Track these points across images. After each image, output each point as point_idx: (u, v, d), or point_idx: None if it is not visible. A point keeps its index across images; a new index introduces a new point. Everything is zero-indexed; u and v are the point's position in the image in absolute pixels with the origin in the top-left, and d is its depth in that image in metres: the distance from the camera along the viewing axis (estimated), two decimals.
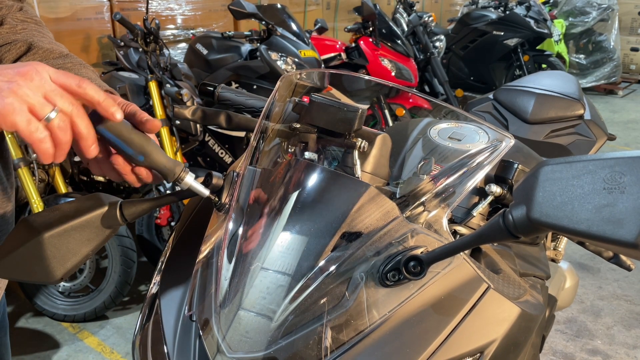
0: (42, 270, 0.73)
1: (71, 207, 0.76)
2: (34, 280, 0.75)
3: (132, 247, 2.55)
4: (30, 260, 0.73)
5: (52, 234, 0.73)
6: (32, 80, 0.61)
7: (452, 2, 8.18)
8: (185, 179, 0.76)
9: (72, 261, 0.75)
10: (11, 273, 0.75)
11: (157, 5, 4.32)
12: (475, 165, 0.88)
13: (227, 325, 0.72)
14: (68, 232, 0.74)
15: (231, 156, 3.08)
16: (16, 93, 0.59)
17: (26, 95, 0.60)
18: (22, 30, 0.88)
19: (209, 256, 0.83)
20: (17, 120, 0.59)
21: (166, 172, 0.75)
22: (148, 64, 2.69)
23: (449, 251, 0.71)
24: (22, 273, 0.74)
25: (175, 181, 0.76)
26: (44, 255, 0.73)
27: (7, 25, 0.87)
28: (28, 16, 0.91)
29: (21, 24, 0.89)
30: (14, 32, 0.87)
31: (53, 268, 0.74)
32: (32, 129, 0.61)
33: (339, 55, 4.29)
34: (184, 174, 0.76)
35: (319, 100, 0.92)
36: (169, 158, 0.75)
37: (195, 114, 1.07)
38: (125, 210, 0.78)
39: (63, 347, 2.47)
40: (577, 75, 6.93)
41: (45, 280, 0.74)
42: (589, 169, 0.57)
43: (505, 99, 1.70)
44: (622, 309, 2.76)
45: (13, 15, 0.89)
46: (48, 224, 0.74)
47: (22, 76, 0.61)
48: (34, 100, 0.61)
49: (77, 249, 0.75)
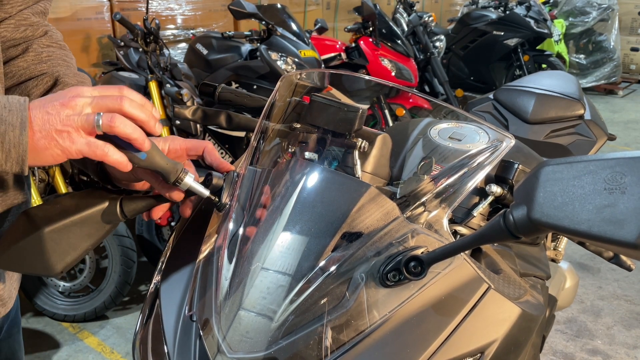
0: (42, 263, 0.74)
1: (72, 201, 0.77)
2: (34, 273, 0.76)
3: (132, 247, 2.55)
4: (30, 253, 0.74)
5: (52, 229, 0.73)
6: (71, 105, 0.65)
7: (452, 2, 8.18)
8: (185, 179, 0.77)
9: (72, 255, 0.75)
10: (11, 265, 0.75)
11: (157, 5, 4.32)
12: (476, 166, 0.88)
13: (227, 325, 0.72)
14: (68, 227, 0.74)
15: (231, 156, 3.08)
16: (65, 125, 0.64)
17: (73, 121, 0.64)
18: (47, 58, 0.90)
19: (209, 256, 0.83)
20: (79, 148, 0.65)
21: (166, 173, 0.75)
22: (148, 64, 2.69)
23: (449, 251, 0.71)
24: (22, 266, 0.75)
25: (175, 182, 0.76)
26: (44, 249, 0.73)
27: (32, 52, 0.90)
28: (53, 41, 0.93)
29: (46, 51, 0.91)
30: (40, 61, 0.89)
31: (53, 262, 0.74)
32: (93, 148, 0.65)
33: (339, 55, 4.29)
34: (183, 175, 0.76)
35: (319, 100, 0.92)
36: (168, 159, 0.75)
37: (195, 114, 1.07)
38: (126, 206, 0.78)
39: (63, 347, 2.47)
40: (577, 75, 6.93)
41: (45, 273, 0.75)
42: (589, 169, 0.57)
43: (505, 99, 1.70)
44: (622, 309, 2.76)
45: (39, 42, 0.91)
46: (49, 218, 0.74)
47: (65, 105, 0.65)
48: (81, 121, 0.65)
49: (77, 244, 0.75)
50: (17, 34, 0.88)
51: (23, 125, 0.63)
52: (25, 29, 0.89)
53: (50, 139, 0.64)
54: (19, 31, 0.88)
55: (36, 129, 0.64)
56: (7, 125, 0.63)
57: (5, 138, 0.63)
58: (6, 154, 0.63)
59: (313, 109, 0.93)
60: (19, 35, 0.88)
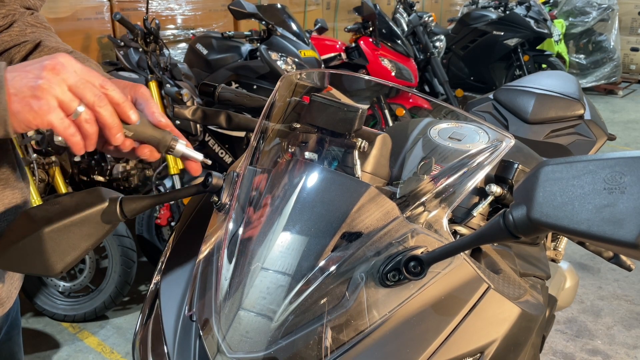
0: (42, 263, 0.74)
1: (72, 201, 0.77)
2: (34, 273, 0.76)
3: (132, 247, 2.55)
4: (30, 253, 0.74)
5: (52, 229, 0.73)
6: (59, 74, 0.64)
7: (452, 2, 8.18)
8: (176, 147, 0.75)
9: (72, 255, 0.75)
10: (12, 265, 0.76)
11: (157, 5, 4.32)
12: (476, 165, 0.88)
13: (227, 325, 0.72)
14: (68, 227, 0.74)
15: (231, 156, 3.08)
16: (48, 91, 0.63)
17: (56, 92, 0.64)
18: (31, 33, 0.91)
19: (209, 256, 0.83)
20: (52, 119, 0.64)
21: (156, 143, 0.74)
22: (148, 64, 2.69)
23: (449, 251, 0.71)
24: (22, 265, 0.75)
25: (167, 151, 0.75)
26: (44, 249, 0.73)
27: (17, 27, 0.90)
28: (38, 21, 0.94)
29: (30, 28, 0.92)
30: (24, 35, 0.90)
31: (53, 262, 0.74)
32: (65, 125, 0.65)
33: (339, 55, 4.29)
34: (174, 143, 0.75)
35: (319, 100, 0.92)
36: (156, 128, 0.74)
37: (195, 114, 1.07)
38: (126, 206, 0.78)
39: (63, 347, 2.47)
40: (577, 75, 6.93)
41: (45, 273, 0.75)
42: (589, 169, 0.57)
43: (505, 99, 1.70)
44: (622, 309, 2.76)
45: (24, 19, 0.92)
46: (49, 218, 0.74)
47: (49, 70, 0.64)
48: (64, 96, 0.64)
49: (77, 244, 0.75)
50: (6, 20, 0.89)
51: (0, 85, 0.62)
52: (12, 15, 0.90)
53: (25, 103, 0.63)
54: (7, 18, 0.89)
55: (12, 91, 0.63)
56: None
57: None
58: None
59: (313, 109, 0.93)
60: (6, 21, 0.89)
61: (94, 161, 2.91)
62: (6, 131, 0.64)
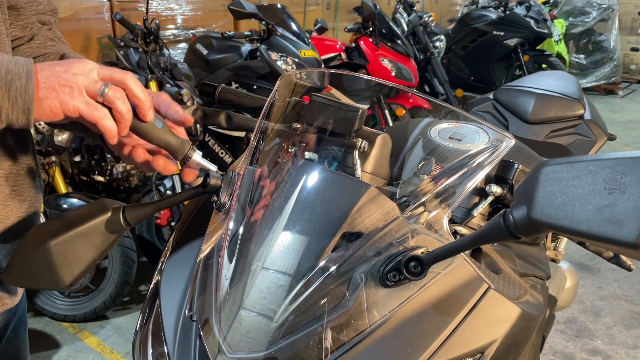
0: (51, 277, 0.75)
1: (76, 214, 0.78)
2: (45, 288, 0.77)
3: (132, 247, 2.55)
4: (39, 267, 0.75)
5: (58, 241, 0.74)
6: (86, 65, 0.69)
7: (452, 2, 8.18)
8: (193, 156, 0.79)
9: (80, 267, 0.76)
10: (23, 281, 0.77)
11: (157, 5, 4.32)
12: (476, 166, 0.88)
13: (227, 325, 0.72)
14: (73, 239, 0.75)
15: (231, 156, 3.08)
16: (74, 81, 0.67)
17: (78, 79, 0.67)
18: (51, 46, 0.96)
19: (209, 256, 0.83)
20: (77, 104, 0.67)
21: (175, 150, 0.77)
22: (148, 64, 2.69)
23: (449, 251, 0.71)
24: (32, 281, 0.76)
25: (183, 159, 0.78)
26: (52, 262, 0.74)
27: (37, 41, 0.95)
28: (56, 36, 0.99)
29: (50, 42, 0.96)
30: (44, 47, 0.95)
31: (62, 275, 0.75)
32: (91, 108, 0.68)
33: (339, 55, 4.29)
34: (192, 152, 0.78)
35: (319, 100, 0.92)
36: (177, 136, 0.77)
37: (195, 114, 1.07)
38: (129, 215, 0.79)
39: (63, 347, 2.47)
40: (577, 75, 6.92)
41: (54, 287, 0.76)
42: (589, 169, 0.57)
43: (505, 99, 1.70)
44: (622, 309, 2.76)
45: (43, 34, 0.96)
46: (55, 231, 0.75)
47: (77, 64, 0.69)
48: (86, 81, 0.68)
49: (84, 255, 0.76)
50: (25, 32, 0.93)
51: (29, 75, 0.66)
52: (31, 28, 0.94)
53: (52, 89, 0.67)
54: (27, 30, 0.93)
55: (41, 79, 0.67)
56: (13, 75, 0.65)
57: (12, 86, 0.65)
58: (12, 102, 0.65)
59: (313, 108, 0.93)
60: (26, 33, 0.93)
61: (94, 161, 2.91)
62: (28, 120, 0.67)
